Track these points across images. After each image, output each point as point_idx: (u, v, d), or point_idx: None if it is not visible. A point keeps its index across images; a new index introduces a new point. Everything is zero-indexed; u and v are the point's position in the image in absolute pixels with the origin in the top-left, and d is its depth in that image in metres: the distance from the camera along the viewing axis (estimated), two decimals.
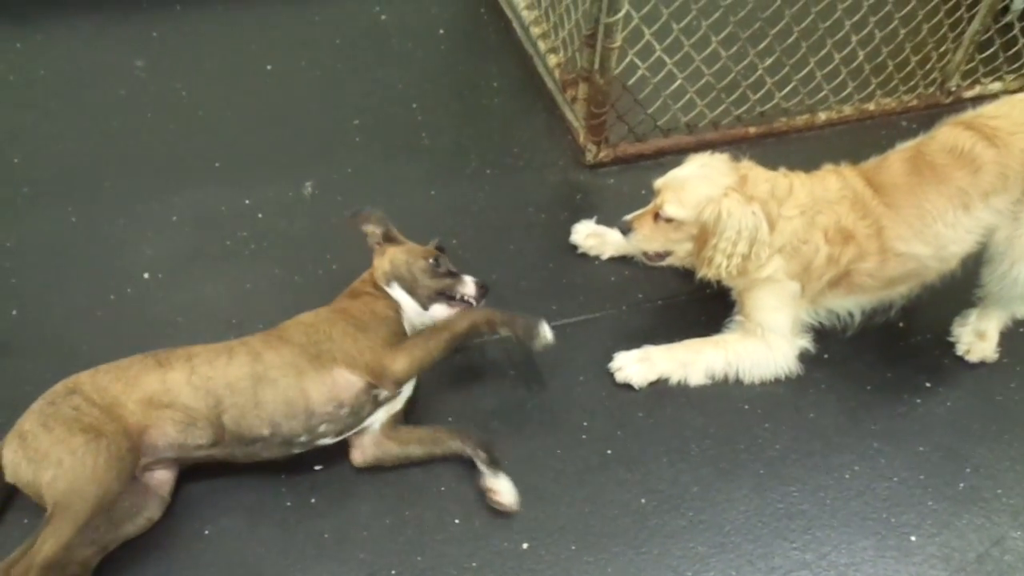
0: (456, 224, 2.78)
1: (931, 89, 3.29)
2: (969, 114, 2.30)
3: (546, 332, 2.12)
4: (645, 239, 2.35)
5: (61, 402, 1.90)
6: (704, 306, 2.57)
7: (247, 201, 2.81)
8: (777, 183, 2.27)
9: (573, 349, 2.41)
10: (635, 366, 2.37)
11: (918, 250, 2.25)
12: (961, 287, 2.44)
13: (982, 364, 2.45)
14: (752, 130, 3.12)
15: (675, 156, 3.03)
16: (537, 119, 3.20)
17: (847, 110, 3.21)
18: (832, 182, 2.31)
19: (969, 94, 3.32)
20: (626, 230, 2.35)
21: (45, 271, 2.56)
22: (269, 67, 3.32)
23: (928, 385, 2.41)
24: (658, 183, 2.33)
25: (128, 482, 1.87)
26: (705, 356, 2.40)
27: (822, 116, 3.18)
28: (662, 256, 2.39)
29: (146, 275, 2.56)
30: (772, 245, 2.24)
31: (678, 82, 2.94)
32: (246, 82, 3.25)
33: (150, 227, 2.70)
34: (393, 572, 1.97)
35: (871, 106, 3.23)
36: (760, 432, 2.29)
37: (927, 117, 3.28)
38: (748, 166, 2.31)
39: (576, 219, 2.79)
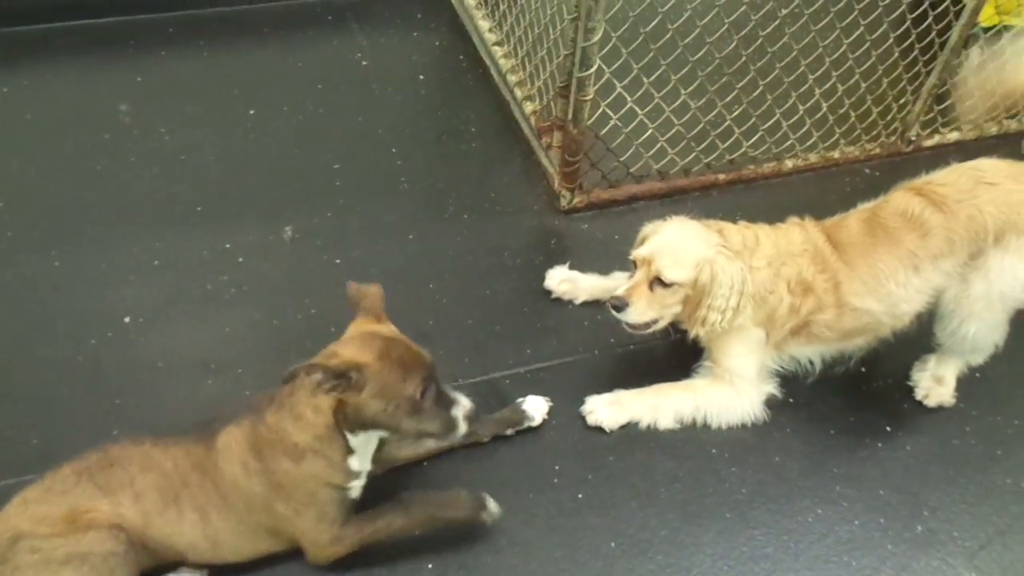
0: (434, 269, 2.85)
1: (892, 138, 3.41)
2: (920, 180, 2.42)
3: (491, 506, 2.09)
4: (643, 311, 2.32)
5: (12, 553, 1.76)
6: (675, 351, 2.64)
7: (228, 245, 2.86)
8: (745, 235, 2.37)
9: (546, 392, 2.47)
10: (606, 409, 2.43)
11: (872, 306, 2.35)
12: (921, 333, 2.52)
13: (940, 409, 2.53)
14: (722, 177, 3.22)
15: (647, 201, 3.15)
16: (514, 164, 3.29)
17: (812, 158, 3.32)
18: (796, 235, 2.41)
19: (929, 143, 3.45)
20: (621, 306, 2.32)
21: (27, 314, 2.60)
22: (251, 111, 3.38)
23: (888, 429, 2.49)
24: (643, 253, 2.32)
25: (138, 563, 1.87)
26: (674, 400, 2.47)
27: (788, 164, 3.29)
28: (650, 325, 2.38)
29: (127, 319, 2.61)
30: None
31: (649, 131, 3.04)
32: (228, 126, 3.32)
33: (131, 271, 2.75)
34: None
35: (835, 154, 3.35)
36: (727, 476, 2.35)
37: (889, 165, 3.42)
38: (717, 223, 2.40)
39: (551, 263, 2.86)
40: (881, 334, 2.47)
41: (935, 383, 2.52)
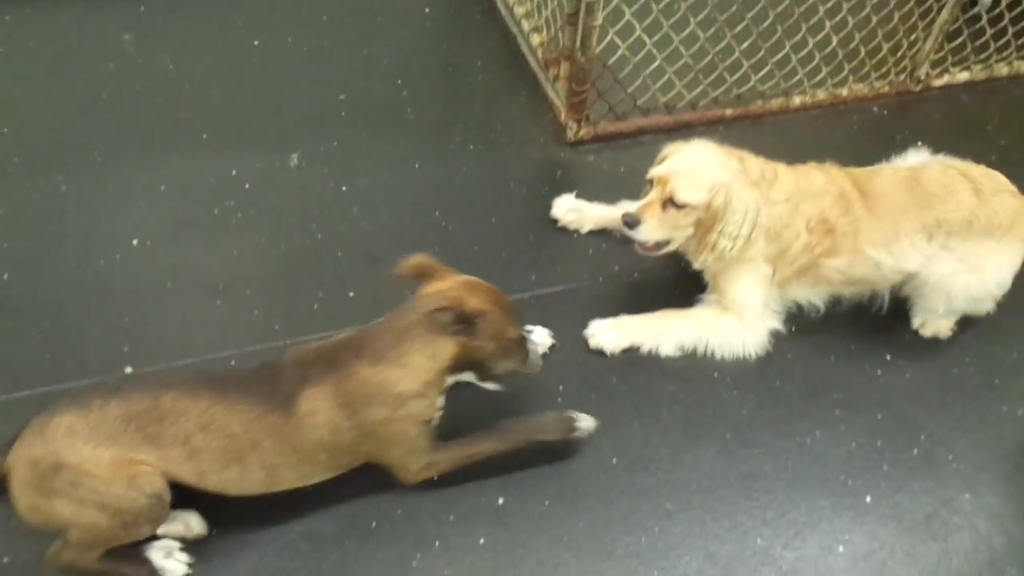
0: (439, 198, 2.86)
1: (902, 76, 3.38)
2: (962, 164, 2.51)
3: (583, 423, 2.17)
4: (655, 229, 2.34)
5: (52, 477, 1.72)
6: (678, 280, 2.66)
7: (234, 172, 2.87)
8: (764, 168, 2.36)
9: (550, 317, 2.50)
10: (608, 333, 2.45)
11: (883, 259, 2.39)
12: None
13: (942, 341, 2.55)
14: (729, 112, 3.21)
15: (654, 135, 3.14)
16: (520, 97, 3.27)
17: (821, 95, 3.30)
18: (817, 177, 2.42)
19: (938, 83, 3.43)
20: (633, 223, 2.34)
21: (36, 238, 2.62)
22: (256, 42, 3.37)
23: (888, 358, 2.51)
24: (660, 172, 2.33)
25: (166, 519, 1.86)
26: (678, 327, 2.48)
27: (796, 100, 3.28)
28: (661, 245, 2.41)
29: (135, 241, 2.63)
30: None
31: (657, 62, 3.03)
32: (233, 57, 3.31)
33: (139, 196, 2.76)
34: (373, 524, 2.06)
35: (844, 91, 3.33)
36: (728, 399, 2.39)
37: (898, 104, 3.40)
38: (739, 151, 2.39)
39: (556, 194, 2.86)
40: (877, 287, 2.51)
41: (932, 315, 2.53)
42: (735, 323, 2.47)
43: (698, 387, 2.40)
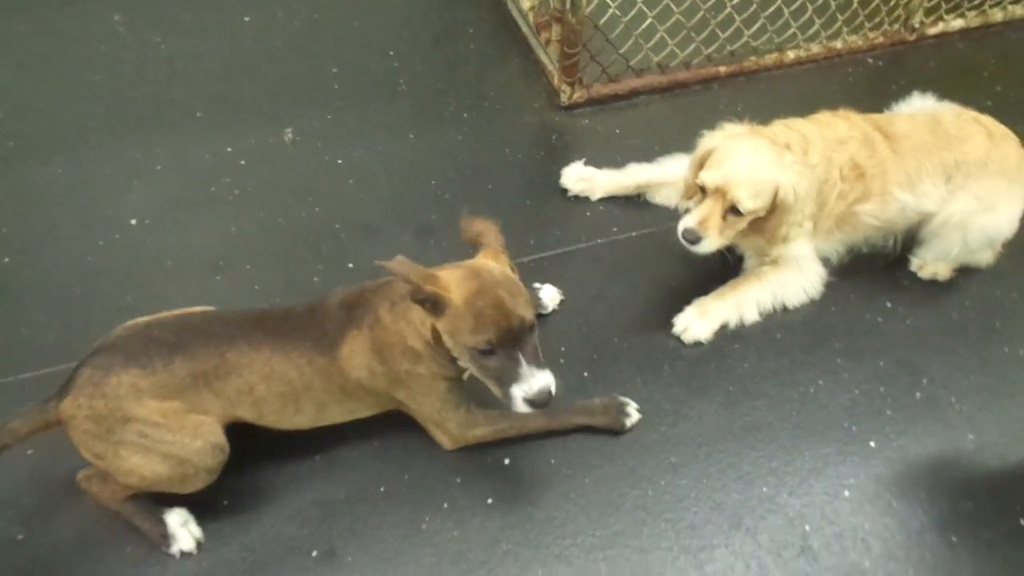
0: (435, 166, 2.86)
1: (896, 26, 3.36)
2: (975, 113, 2.55)
3: (632, 411, 2.19)
4: (717, 242, 2.27)
5: (121, 430, 1.79)
6: (675, 237, 2.65)
7: (229, 149, 2.87)
8: (797, 139, 2.33)
9: (550, 280, 2.50)
10: (698, 323, 2.41)
11: (908, 199, 2.41)
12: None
13: (941, 285, 2.56)
14: (723, 69, 3.19)
15: (648, 95, 3.14)
16: (512, 63, 3.26)
17: (815, 48, 3.28)
18: (838, 124, 2.42)
19: (933, 31, 3.40)
20: (695, 240, 2.25)
21: (34, 220, 2.63)
22: (247, 19, 3.36)
23: (889, 305, 2.52)
24: (716, 181, 2.21)
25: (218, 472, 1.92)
26: (753, 293, 2.46)
27: (791, 55, 3.26)
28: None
29: (133, 221, 2.63)
30: None
31: (648, 21, 3.01)
32: (224, 34, 3.30)
33: (135, 176, 2.76)
34: (382, 489, 2.08)
35: (838, 44, 3.30)
36: (729, 352, 2.40)
37: (893, 54, 3.38)
38: (776, 132, 2.35)
39: (552, 159, 2.87)
40: (897, 229, 2.53)
41: (931, 258, 2.54)
42: (795, 273, 2.47)
43: (699, 342, 2.41)
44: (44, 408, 1.83)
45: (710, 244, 2.26)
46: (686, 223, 2.27)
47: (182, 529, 1.95)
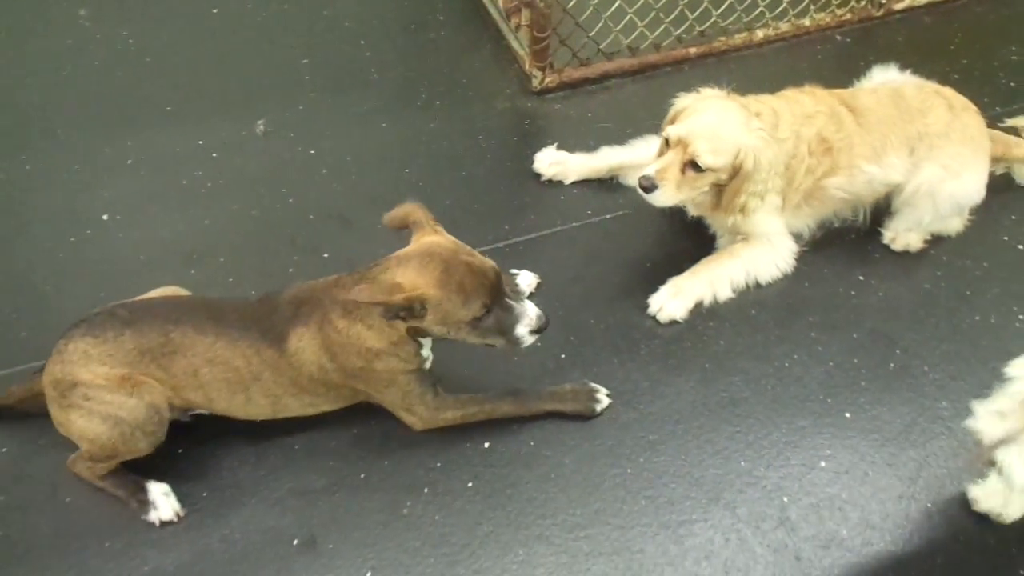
0: (408, 154, 2.85)
1: (863, 2, 3.38)
2: (936, 86, 2.60)
3: (602, 397, 2.20)
4: (673, 194, 2.26)
5: (70, 394, 1.88)
6: (650, 219, 2.67)
7: (200, 142, 2.85)
8: (766, 112, 2.34)
9: (525, 265, 2.50)
10: (672, 302, 2.41)
11: (875, 171, 2.45)
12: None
13: (912, 257, 2.58)
14: (693, 51, 3.20)
15: (619, 79, 3.14)
16: (484, 50, 3.26)
17: (784, 27, 3.30)
18: (805, 100, 2.44)
19: (899, 6, 3.42)
20: (650, 187, 2.24)
21: (3, 217, 2.61)
22: (215, 10, 3.33)
23: (861, 278, 2.54)
24: (679, 132, 2.22)
25: (163, 439, 1.97)
26: (725, 271, 2.47)
27: (760, 34, 3.27)
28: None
29: (105, 216, 2.62)
30: None
31: (617, 4, 3.01)
32: (193, 26, 3.27)
33: (105, 171, 2.75)
34: (362, 476, 2.08)
35: (806, 21, 3.32)
36: (704, 330, 2.41)
37: (861, 31, 3.40)
38: (749, 101, 2.35)
39: (526, 144, 2.87)
40: (865, 202, 2.56)
41: (903, 229, 2.56)
42: (766, 249, 2.48)
43: (674, 320, 2.43)
44: (34, 376, 2.02)
45: (665, 195, 2.25)
46: (645, 171, 2.27)
47: (163, 498, 1.98)
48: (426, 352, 2.02)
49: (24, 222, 2.59)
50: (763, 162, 2.24)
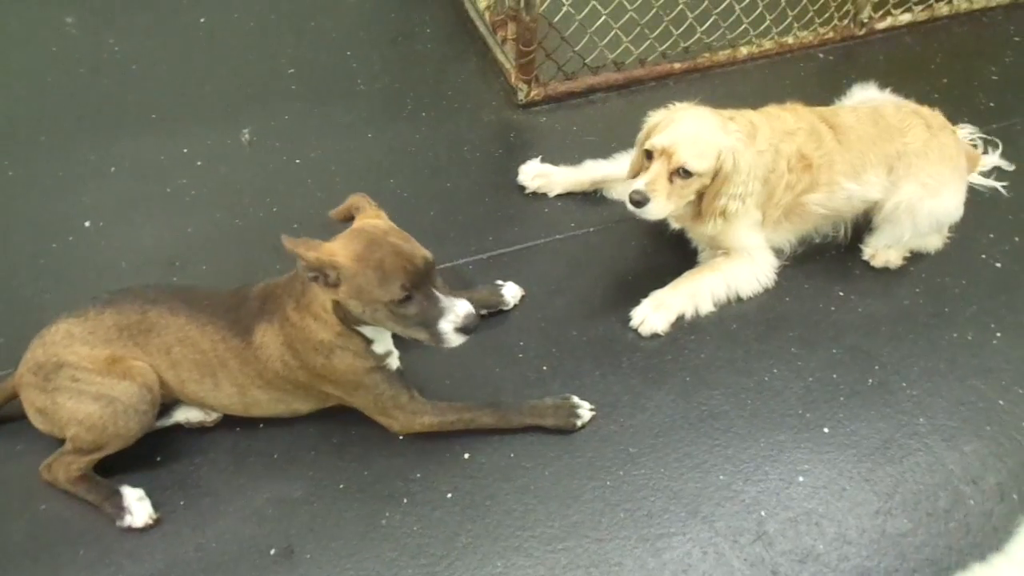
0: (393, 165, 2.86)
1: (845, 21, 3.43)
2: (914, 105, 2.64)
3: (583, 412, 2.20)
4: (665, 205, 2.28)
5: (55, 376, 1.91)
6: (632, 231, 2.69)
7: (185, 150, 2.85)
8: (744, 122, 2.37)
9: (509, 276, 2.51)
10: (654, 316, 2.42)
11: (854, 188, 2.47)
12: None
13: (892, 273, 2.61)
14: (677, 66, 3.23)
15: (604, 93, 3.16)
16: (470, 62, 3.28)
17: (767, 44, 3.34)
18: (786, 116, 2.47)
19: (881, 26, 3.47)
20: (642, 201, 2.26)
21: None
22: (202, 19, 3.34)
23: (841, 294, 2.56)
24: (663, 142, 2.25)
25: (153, 422, 2.00)
26: (707, 284, 2.49)
27: (743, 51, 3.31)
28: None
29: (87, 223, 2.61)
30: None
31: (602, 19, 3.04)
32: (179, 35, 3.28)
33: (88, 178, 2.74)
34: (341, 486, 2.07)
35: (789, 39, 3.36)
36: (685, 343, 2.42)
37: (843, 49, 3.45)
38: (722, 111, 2.38)
39: (510, 157, 2.89)
40: (845, 218, 2.59)
41: (883, 246, 2.59)
42: (747, 263, 2.50)
43: (656, 333, 2.44)
44: (3, 381, 2.04)
45: (658, 207, 2.27)
46: (634, 185, 2.29)
47: (137, 503, 1.97)
48: (380, 348, 1.99)
49: (5, 228, 2.58)
50: (741, 163, 2.27)
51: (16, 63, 3.09)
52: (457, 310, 1.81)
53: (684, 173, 2.26)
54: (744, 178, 2.29)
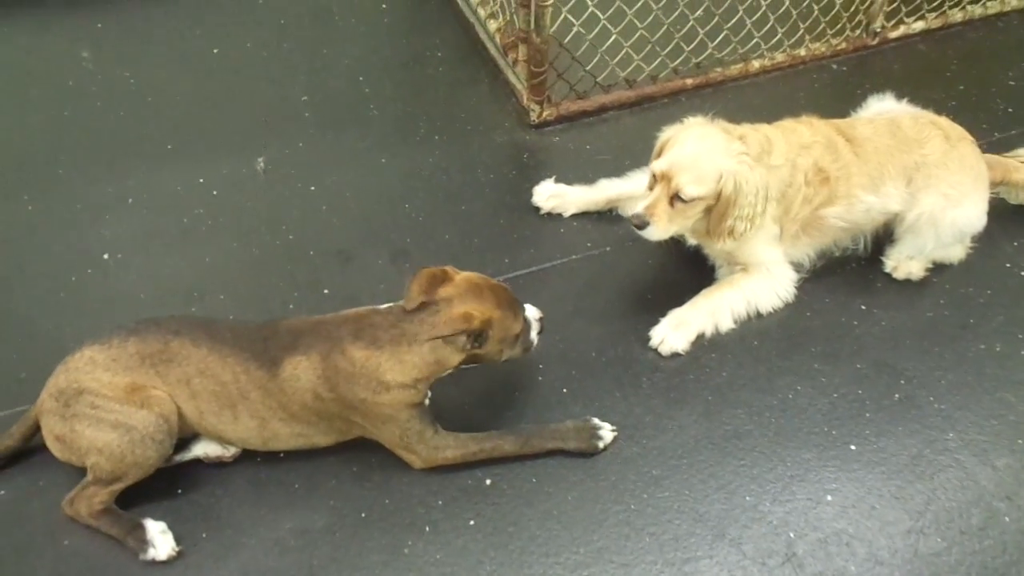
0: (408, 189, 2.86)
1: (858, 31, 3.40)
2: (931, 115, 2.61)
3: (605, 434, 2.18)
4: (665, 228, 2.29)
5: (75, 403, 1.92)
6: (649, 250, 2.67)
7: (201, 180, 2.87)
8: (758, 138, 2.34)
9: (526, 299, 2.46)
10: (673, 334, 2.40)
11: (872, 201, 2.45)
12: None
13: (915, 285, 2.57)
14: (689, 82, 3.22)
15: (617, 111, 3.16)
16: (482, 84, 3.28)
17: (779, 57, 3.32)
18: (802, 130, 2.45)
19: (894, 34, 3.45)
20: (642, 225, 2.28)
21: (4, 259, 2.61)
22: (216, 50, 3.37)
23: (863, 307, 2.53)
24: (662, 167, 2.26)
25: (170, 452, 2.00)
26: (727, 300, 2.46)
27: (756, 64, 3.29)
28: None
29: (105, 256, 2.62)
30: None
31: (613, 37, 3.04)
32: (193, 66, 3.31)
33: (106, 210, 2.76)
34: (363, 515, 2.06)
35: (801, 51, 3.34)
36: (707, 362, 2.40)
37: (857, 60, 3.42)
38: (734, 127, 2.35)
39: (524, 178, 2.88)
40: (864, 230, 2.56)
41: (905, 258, 2.55)
42: (766, 278, 2.48)
43: (676, 353, 2.41)
44: (26, 412, 2.06)
45: (657, 230, 2.29)
46: (635, 208, 2.31)
47: (160, 536, 1.96)
48: (426, 388, 2.03)
49: (25, 262, 2.60)
50: (745, 185, 2.23)
51: (34, 98, 3.12)
52: (532, 316, 2.12)
53: (682, 199, 2.25)
54: (751, 199, 2.25)
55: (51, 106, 3.10)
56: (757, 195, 2.26)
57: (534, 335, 2.12)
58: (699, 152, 2.25)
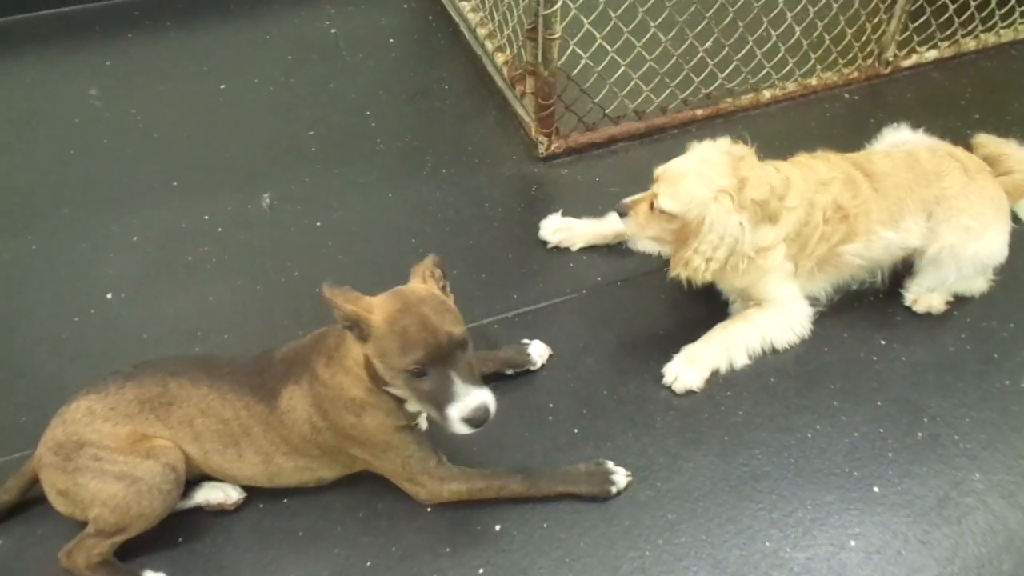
0: (414, 223, 2.83)
1: (869, 61, 3.36)
2: (949, 147, 2.56)
3: (619, 479, 2.11)
4: (637, 226, 2.32)
5: (77, 456, 1.87)
6: (661, 284, 2.61)
7: (206, 216, 2.84)
8: (774, 180, 2.25)
9: (536, 334, 2.44)
10: (688, 372, 2.35)
11: (891, 236, 2.39)
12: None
13: (935, 319, 2.50)
14: (700, 112, 3.18)
15: (626, 142, 3.12)
16: (489, 117, 3.25)
17: (790, 86, 3.28)
18: (819, 166, 2.39)
19: (907, 63, 3.41)
20: (623, 212, 2.34)
21: (7, 298, 2.59)
22: (222, 86, 3.36)
23: (883, 342, 2.46)
24: (658, 171, 2.28)
25: (177, 502, 1.95)
26: (741, 336, 2.40)
27: (767, 94, 3.25)
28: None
29: (109, 295, 2.59)
30: (776, 236, 2.28)
31: (621, 69, 3.01)
32: (200, 102, 3.30)
33: (111, 248, 2.73)
34: (369, 564, 1.99)
35: (813, 81, 3.30)
36: (722, 400, 2.33)
37: (869, 88, 3.38)
38: (750, 166, 2.23)
39: (532, 211, 2.84)
40: (883, 265, 2.51)
41: (925, 291, 2.49)
42: (781, 313, 2.42)
43: (691, 390, 2.34)
44: (24, 464, 2.00)
45: (632, 225, 2.34)
46: (624, 199, 2.35)
47: None
48: (413, 407, 1.92)
49: (28, 304, 2.57)
50: (707, 223, 2.16)
51: (41, 136, 3.12)
52: (468, 400, 1.73)
53: (657, 206, 2.24)
54: (714, 240, 2.17)
55: (58, 143, 3.09)
56: (722, 240, 2.17)
57: (453, 412, 1.73)
58: (688, 171, 2.21)
